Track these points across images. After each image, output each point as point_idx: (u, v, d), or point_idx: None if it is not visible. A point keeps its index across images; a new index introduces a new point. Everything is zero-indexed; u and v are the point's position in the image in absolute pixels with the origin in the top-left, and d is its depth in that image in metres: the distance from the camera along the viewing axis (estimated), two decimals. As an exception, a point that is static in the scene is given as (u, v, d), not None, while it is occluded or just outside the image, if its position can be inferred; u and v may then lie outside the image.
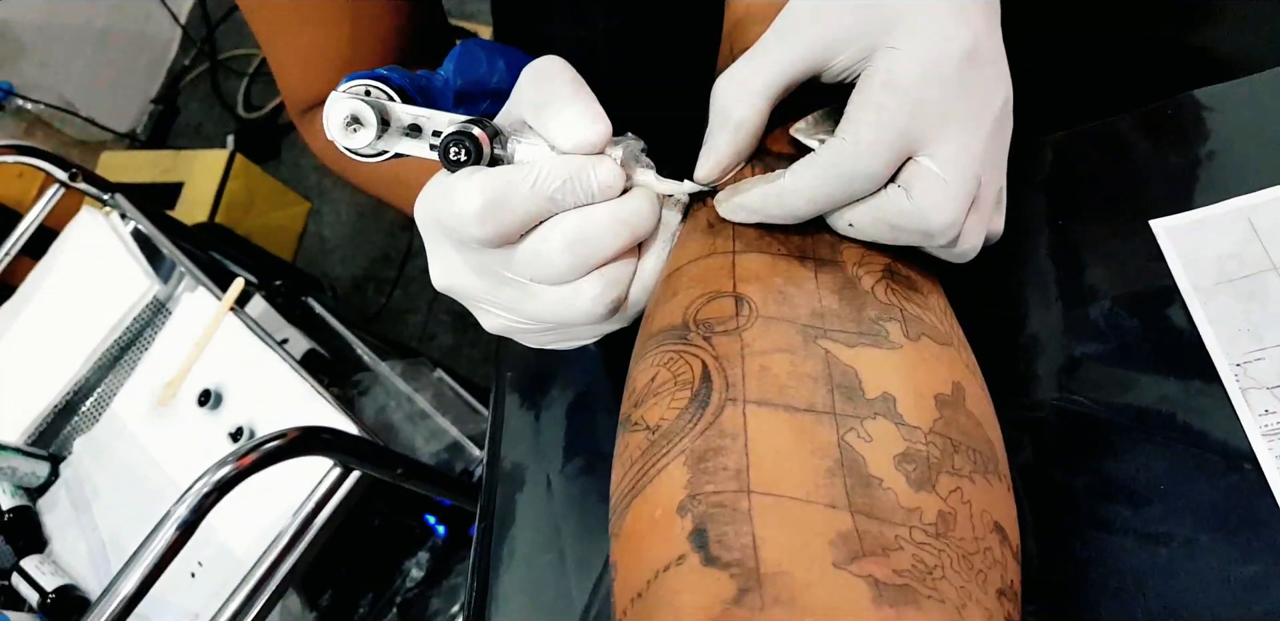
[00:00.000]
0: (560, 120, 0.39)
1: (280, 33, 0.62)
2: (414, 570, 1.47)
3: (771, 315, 0.37)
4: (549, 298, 0.42)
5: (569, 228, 0.40)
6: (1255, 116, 0.50)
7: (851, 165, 0.37)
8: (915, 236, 0.38)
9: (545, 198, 0.39)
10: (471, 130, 0.40)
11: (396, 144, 0.42)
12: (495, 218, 0.39)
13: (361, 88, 0.42)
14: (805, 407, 0.34)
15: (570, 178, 0.39)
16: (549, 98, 0.40)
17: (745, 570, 0.30)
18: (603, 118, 0.40)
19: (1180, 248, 0.48)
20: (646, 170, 0.42)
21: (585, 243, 0.40)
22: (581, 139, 0.39)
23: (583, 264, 0.41)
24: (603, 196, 0.40)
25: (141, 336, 1.28)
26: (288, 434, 0.89)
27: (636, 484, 0.36)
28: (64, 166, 1.28)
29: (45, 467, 1.26)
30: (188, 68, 2.82)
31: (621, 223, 0.40)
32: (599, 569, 0.53)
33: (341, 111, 0.41)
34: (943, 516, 0.33)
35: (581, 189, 0.39)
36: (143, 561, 0.80)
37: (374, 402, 1.55)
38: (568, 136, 0.39)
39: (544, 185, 0.39)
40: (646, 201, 0.41)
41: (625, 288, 0.42)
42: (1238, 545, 0.40)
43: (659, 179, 0.42)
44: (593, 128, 0.39)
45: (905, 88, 0.36)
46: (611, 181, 0.40)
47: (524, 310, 0.44)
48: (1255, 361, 0.44)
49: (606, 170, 0.40)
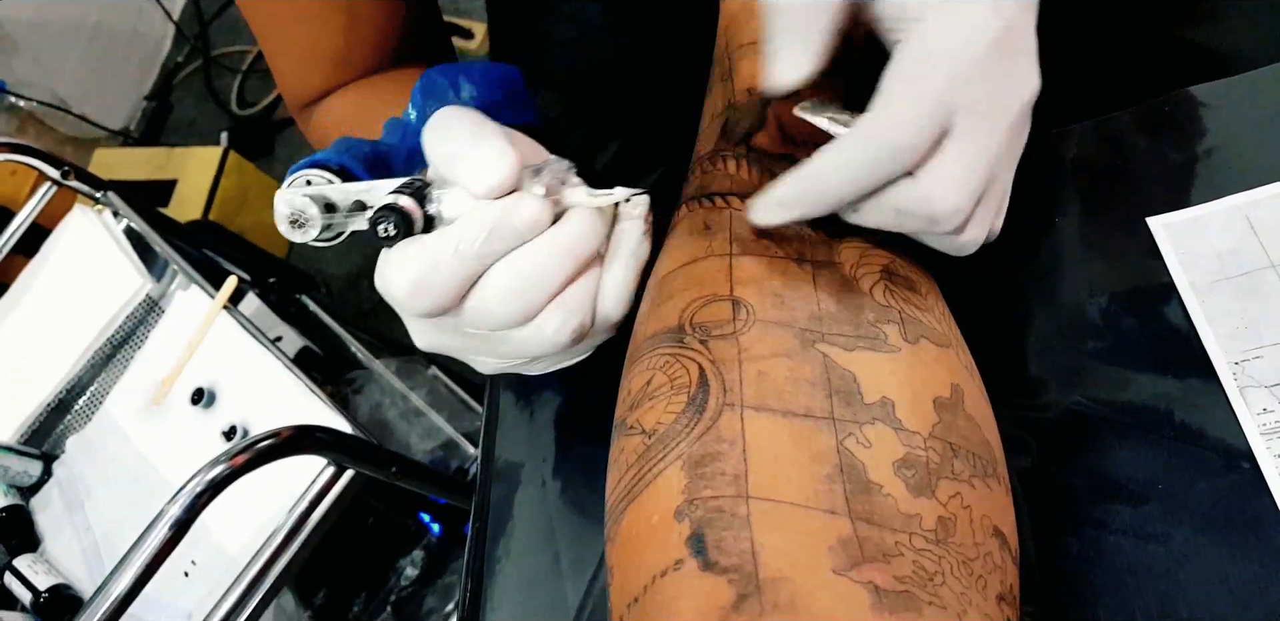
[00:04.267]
0: (467, 169, 0.39)
1: (275, 28, 0.63)
2: (409, 568, 1.46)
3: (769, 319, 0.37)
4: (517, 339, 0.42)
5: (506, 275, 0.39)
6: (1253, 113, 0.50)
7: (895, 137, 0.35)
8: (919, 222, 0.37)
9: (473, 257, 0.39)
10: (397, 203, 0.39)
11: (347, 224, 0.42)
12: (428, 294, 0.39)
13: (303, 178, 0.43)
14: (803, 413, 0.34)
15: (492, 228, 0.38)
16: (451, 148, 0.39)
17: (744, 575, 0.30)
18: (507, 153, 0.38)
19: (1178, 245, 0.48)
20: (576, 189, 0.41)
21: (527, 285, 0.40)
22: (493, 183, 0.38)
23: (532, 304, 0.40)
24: (533, 233, 0.39)
25: (134, 335, 1.28)
26: (281, 433, 0.88)
27: (633, 488, 0.35)
28: (56, 164, 1.28)
29: (38, 466, 1.26)
30: (181, 64, 2.81)
31: (562, 252, 0.40)
32: (593, 568, 0.52)
33: (284, 212, 0.42)
34: (942, 522, 0.33)
35: (509, 234, 0.39)
36: (136, 560, 0.79)
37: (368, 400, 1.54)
38: (479, 184, 0.38)
39: (468, 246, 0.38)
40: (583, 222, 0.40)
41: (586, 311, 0.42)
42: (1236, 544, 0.40)
43: (590, 194, 0.41)
44: (499, 168, 0.38)
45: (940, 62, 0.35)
46: (535, 216, 0.39)
47: (501, 354, 0.44)
48: (1253, 359, 0.44)
49: (528, 207, 0.39)
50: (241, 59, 2.72)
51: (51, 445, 1.29)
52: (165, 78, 2.80)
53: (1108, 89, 0.55)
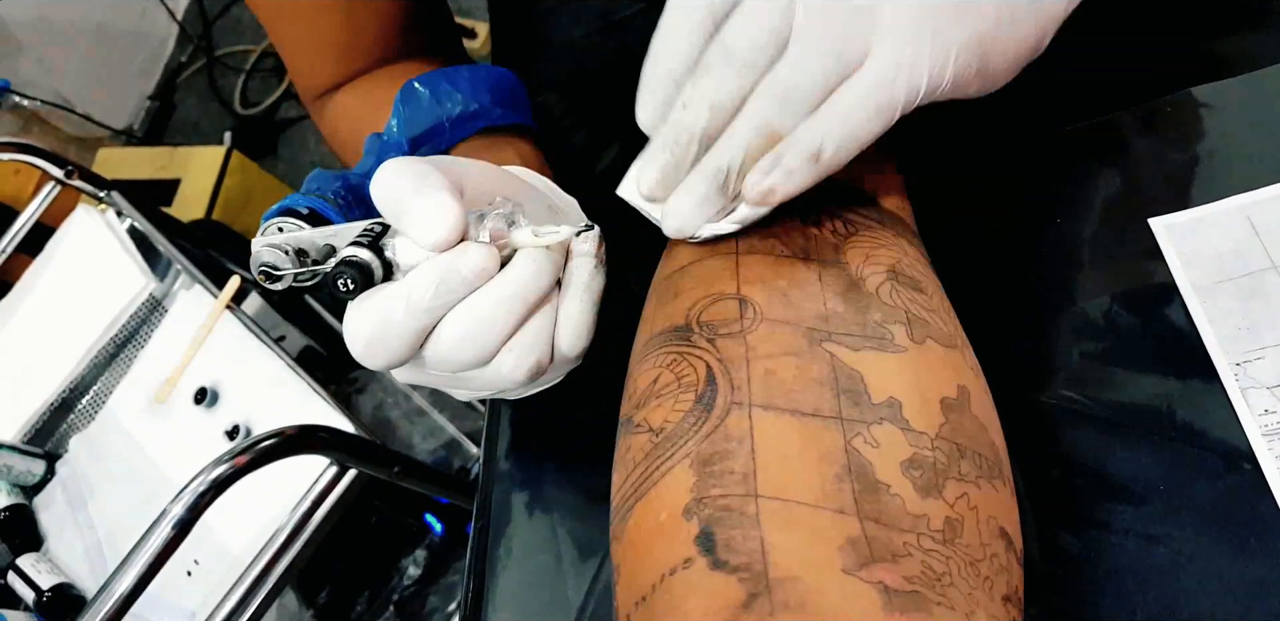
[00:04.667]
0: (412, 223, 0.39)
1: (281, 20, 0.63)
2: (411, 568, 1.47)
3: (776, 318, 0.37)
4: (482, 377, 0.43)
5: (456, 325, 0.40)
6: (1256, 114, 0.50)
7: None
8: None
9: (423, 310, 0.39)
10: (355, 257, 0.40)
11: (319, 270, 0.43)
12: (382, 351, 0.40)
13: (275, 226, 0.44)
14: (812, 412, 0.34)
15: (440, 281, 0.39)
16: (396, 204, 0.39)
17: (754, 574, 0.30)
18: (448, 208, 0.38)
19: (1179, 246, 0.48)
20: (522, 230, 0.41)
21: (475, 338, 0.40)
22: (437, 237, 0.38)
23: (485, 350, 0.41)
24: (482, 279, 0.40)
25: (138, 334, 1.28)
26: (284, 432, 0.88)
27: (640, 486, 0.35)
28: (60, 163, 1.28)
29: (41, 465, 1.26)
30: (184, 64, 2.81)
31: (509, 298, 0.40)
32: (595, 568, 0.52)
33: (256, 265, 0.42)
34: (950, 523, 0.33)
35: (456, 284, 0.39)
36: (139, 559, 0.79)
37: (371, 400, 1.55)
38: (426, 238, 0.39)
39: (417, 301, 0.39)
40: (530, 264, 0.41)
41: (542, 349, 0.42)
42: (1237, 546, 0.40)
43: (536, 233, 0.41)
44: (443, 222, 0.38)
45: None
46: (481, 264, 0.39)
47: (473, 387, 0.45)
48: (1255, 361, 0.44)
49: (473, 256, 0.39)
50: (245, 59, 2.73)
51: (55, 444, 1.29)
52: (169, 77, 2.81)
53: (1109, 90, 0.54)
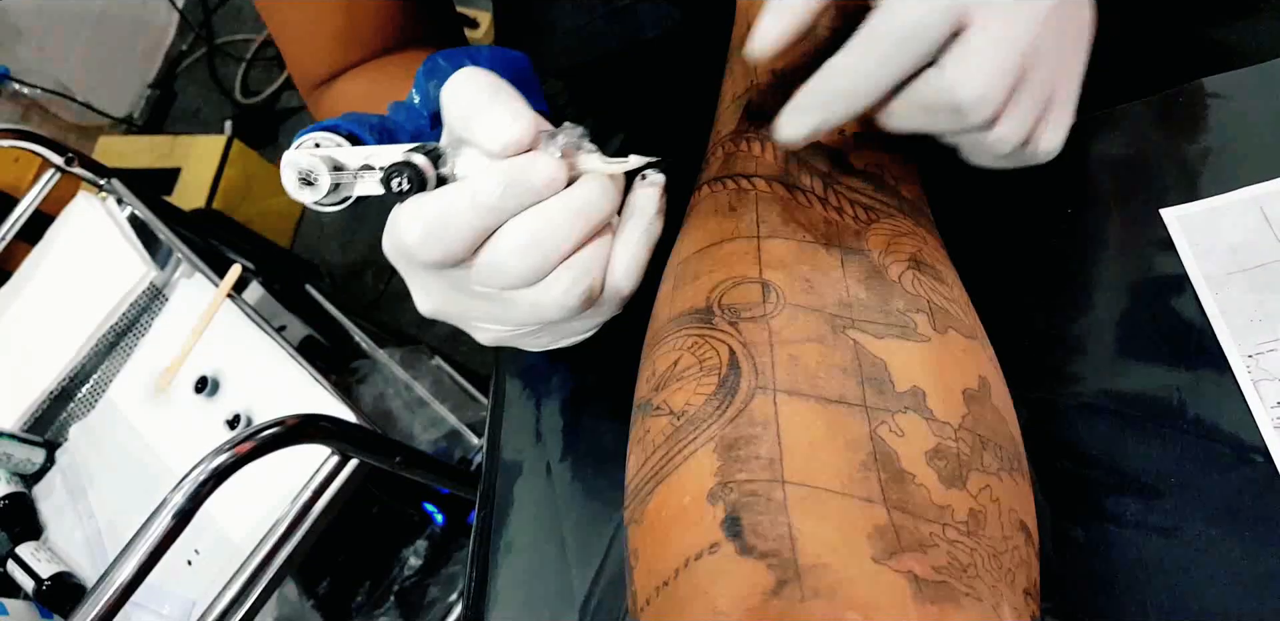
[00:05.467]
0: (485, 126, 0.39)
1: (282, 10, 0.62)
2: (412, 558, 1.46)
3: (799, 303, 0.37)
4: (524, 301, 0.41)
5: (520, 231, 0.39)
6: (1268, 105, 0.50)
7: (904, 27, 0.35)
8: (946, 116, 0.36)
9: (487, 209, 0.38)
10: (411, 159, 0.39)
11: (353, 187, 0.42)
12: (440, 241, 0.39)
13: (311, 142, 0.43)
14: (836, 399, 0.34)
15: (509, 182, 0.38)
16: (470, 108, 0.39)
17: (783, 561, 0.30)
18: (525, 114, 0.39)
19: (1191, 236, 0.48)
20: (590, 155, 0.41)
21: (540, 242, 0.39)
22: (509, 140, 0.38)
23: (544, 263, 0.40)
24: (549, 192, 0.39)
25: (138, 322, 1.28)
26: (285, 421, 0.88)
27: (661, 469, 0.35)
28: (60, 151, 1.27)
29: (41, 454, 1.26)
30: (185, 52, 2.80)
31: (574, 213, 0.39)
32: (600, 558, 0.52)
33: (292, 171, 0.42)
34: (973, 514, 0.32)
35: (523, 190, 0.38)
36: (139, 549, 0.79)
37: (372, 390, 1.54)
38: (495, 140, 0.38)
39: (484, 197, 0.38)
40: (596, 186, 0.40)
41: (597, 275, 0.41)
42: (1249, 539, 0.40)
43: (604, 160, 0.41)
44: (516, 126, 0.38)
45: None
46: (551, 175, 0.39)
47: (507, 318, 0.43)
48: (1268, 352, 0.43)
49: (544, 165, 0.39)
50: (246, 47, 2.72)
51: (55, 433, 1.29)
52: (169, 66, 2.80)
53: (1121, 80, 0.54)
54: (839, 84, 0.37)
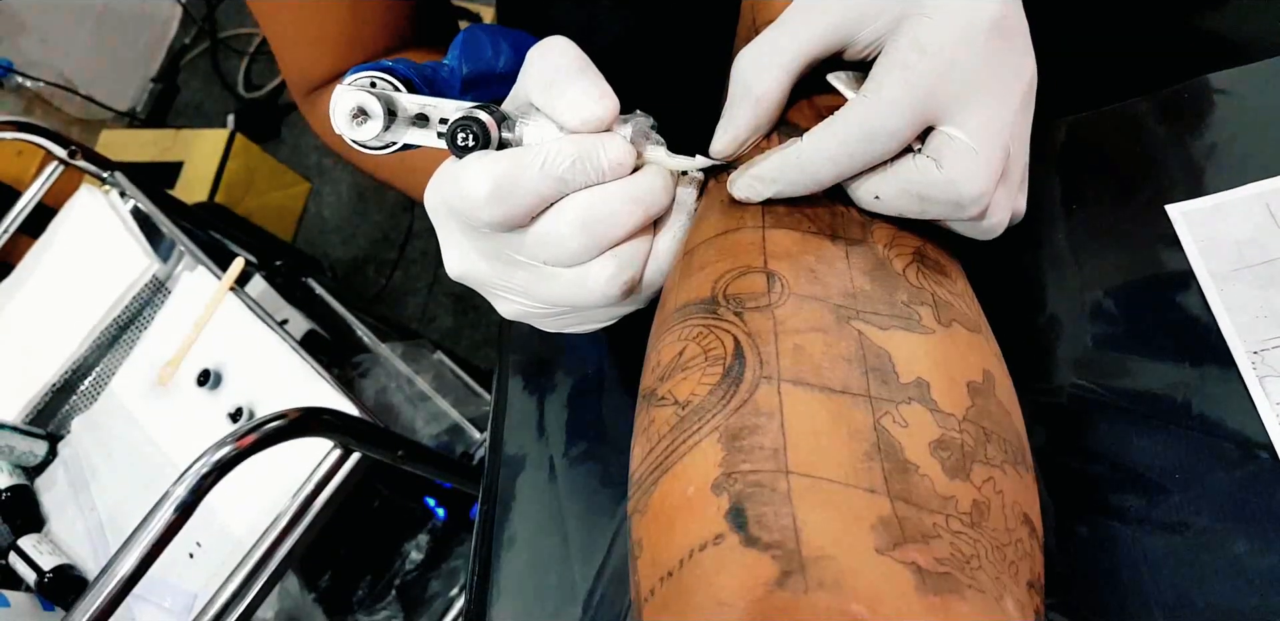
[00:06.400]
0: (567, 99, 0.39)
1: (279, 12, 0.62)
2: (413, 552, 1.46)
3: (804, 293, 0.37)
4: (563, 280, 0.41)
5: (581, 207, 0.39)
6: (1274, 101, 0.50)
7: (875, 122, 0.36)
8: (944, 208, 0.37)
9: (555, 178, 0.38)
10: (478, 115, 0.39)
11: (404, 134, 0.42)
12: (505, 200, 0.39)
13: (367, 79, 0.42)
14: (841, 389, 0.34)
15: (579, 157, 0.38)
16: (555, 77, 0.39)
17: (787, 552, 0.29)
18: (610, 95, 0.39)
19: (1197, 233, 0.47)
20: (657, 147, 0.41)
21: (598, 223, 0.39)
22: (589, 116, 0.39)
23: (595, 244, 0.40)
24: (614, 175, 0.39)
25: (140, 315, 1.28)
26: (288, 414, 0.88)
27: (665, 459, 0.35)
28: (63, 144, 1.27)
29: (43, 446, 1.26)
30: (188, 46, 2.80)
31: (635, 201, 0.40)
32: (603, 552, 0.52)
33: (348, 104, 0.41)
34: (977, 506, 0.32)
35: (591, 168, 0.39)
36: (141, 541, 0.79)
37: (374, 384, 1.54)
38: (575, 114, 0.39)
39: (553, 165, 0.38)
40: (659, 178, 0.41)
41: (640, 268, 0.42)
42: (1254, 535, 0.40)
43: (670, 155, 0.41)
44: (599, 104, 0.39)
45: (933, 50, 0.36)
46: (622, 159, 0.39)
47: (538, 294, 0.43)
48: (1273, 349, 0.43)
49: (616, 147, 0.39)
50: (249, 41, 2.72)
51: (57, 425, 1.29)
52: (172, 59, 2.79)
53: (1126, 76, 0.54)
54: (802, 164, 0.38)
